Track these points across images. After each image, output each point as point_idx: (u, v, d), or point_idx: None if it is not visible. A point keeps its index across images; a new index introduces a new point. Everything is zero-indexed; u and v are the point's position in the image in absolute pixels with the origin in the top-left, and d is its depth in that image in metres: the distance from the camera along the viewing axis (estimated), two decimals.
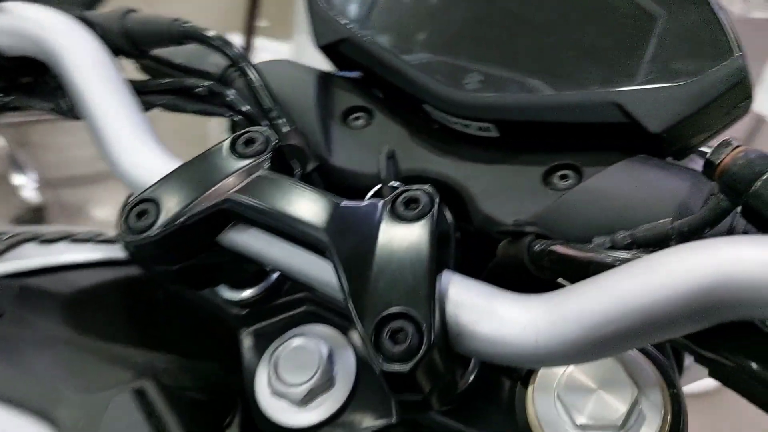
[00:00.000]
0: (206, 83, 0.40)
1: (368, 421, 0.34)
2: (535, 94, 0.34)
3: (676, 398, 0.31)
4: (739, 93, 0.31)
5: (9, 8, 0.35)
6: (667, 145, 0.33)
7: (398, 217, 0.29)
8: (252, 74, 0.39)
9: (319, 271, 0.30)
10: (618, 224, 0.30)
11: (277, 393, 0.35)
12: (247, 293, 0.40)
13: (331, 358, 0.36)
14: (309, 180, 0.37)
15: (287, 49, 1.99)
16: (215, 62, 0.43)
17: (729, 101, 0.31)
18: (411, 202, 0.30)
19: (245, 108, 0.39)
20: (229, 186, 0.31)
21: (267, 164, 0.32)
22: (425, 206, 0.29)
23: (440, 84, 0.36)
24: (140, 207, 0.31)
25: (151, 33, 0.40)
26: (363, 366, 0.36)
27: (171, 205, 0.31)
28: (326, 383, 0.35)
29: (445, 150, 0.37)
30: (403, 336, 0.26)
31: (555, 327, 0.26)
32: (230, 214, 0.31)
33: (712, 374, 0.28)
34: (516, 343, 0.26)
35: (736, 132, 0.30)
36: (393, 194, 0.30)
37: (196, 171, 0.32)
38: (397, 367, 0.25)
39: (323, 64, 0.44)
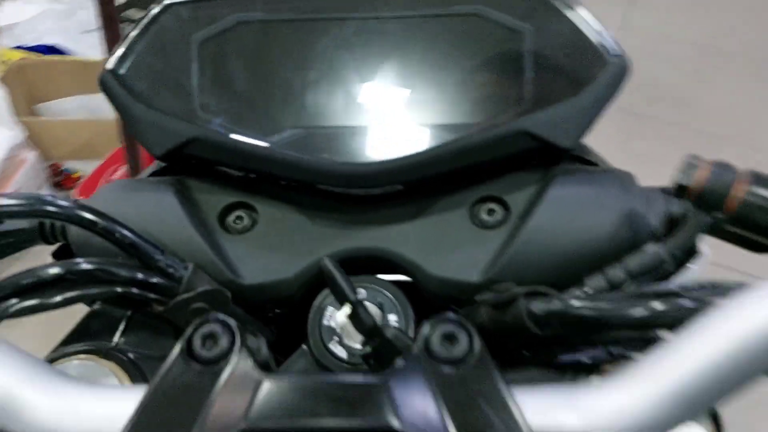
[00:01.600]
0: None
1: None
2: (440, 145, 0.30)
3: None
4: (623, 82, 0.32)
5: None
6: (574, 150, 0.34)
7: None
8: (93, 217, 0.29)
9: None
10: (581, 246, 0.30)
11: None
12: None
13: None
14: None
15: None
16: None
17: (617, 92, 0.32)
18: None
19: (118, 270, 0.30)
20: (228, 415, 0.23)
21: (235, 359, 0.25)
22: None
23: (333, 162, 0.30)
24: None
25: None
26: None
27: None
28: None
29: (357, 221, 0.31)
30: None
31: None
32: None
33: None
34: None
35: None
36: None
37: (165, 413, 0.23)
38: None
39: None
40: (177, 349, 0.25)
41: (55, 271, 0.29)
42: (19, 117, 1.63)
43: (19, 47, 1.90)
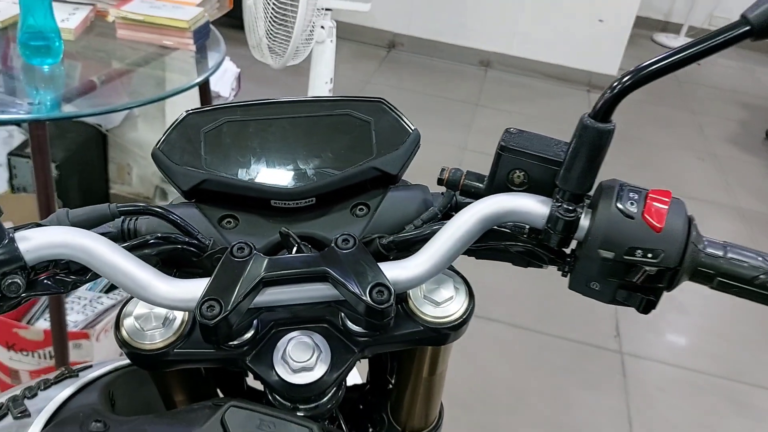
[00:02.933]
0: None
1: None
2: (333, 176, 0.55)
3: (470, 287, 0.53)
4: (417, 145, 0.58)
5: (28, 235, 0.46)
6: (399, 178, 0.57)
7: None
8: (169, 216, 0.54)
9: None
10: (405, 218, 0.55)
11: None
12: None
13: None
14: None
15: None
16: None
17: (417, 147, 0.58)
18: None
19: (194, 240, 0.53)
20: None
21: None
22: None
23: (280, 184, 0.55)
24: (208, 303, 0.44)
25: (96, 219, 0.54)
26: None
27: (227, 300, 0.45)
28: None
29: (293, 220, 0.56)
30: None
31: (427, 266, 0.48)
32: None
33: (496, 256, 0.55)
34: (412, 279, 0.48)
35: None
36: None
37: (227, 275, 0.46)
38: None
39: None
40: (227, 252, 0.47)
41: (155, 237, 0.51)
42: None
43: None
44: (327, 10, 1.86)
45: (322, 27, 1.89)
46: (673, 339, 2.22)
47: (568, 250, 0.50)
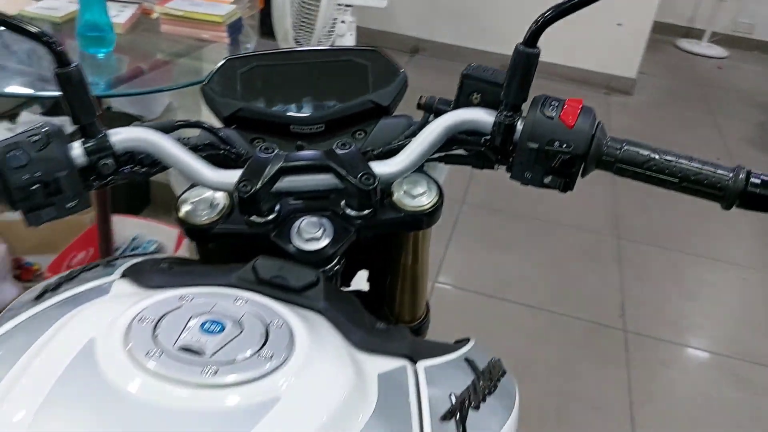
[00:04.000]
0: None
1: None
2: (336, 106, 0.71)
3: (440, 188, 0.68)
4: (405, 84, 0.73)
5: (117, 131, 0.62)
6: (390, 110, 0.71)
7: None
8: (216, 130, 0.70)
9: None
10: (393, 137, 0.70)
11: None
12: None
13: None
14: None
15: None
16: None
17: (405, 86, 0.72)
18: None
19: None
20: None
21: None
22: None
23: (298, 114, 0.71)
24: (243, 182, 0.60)
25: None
26: None
27: (257, 181, 0.60)
28: None
29: (310, 142, 0.70)
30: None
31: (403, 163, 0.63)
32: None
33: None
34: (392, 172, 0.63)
35: None
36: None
37: (256, 165, 0.62)
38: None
39: None
40: (256, 150, 0.62)
41: (205, 143, 0.67)
42: None
43: None
44: (347, 6, 2.04)
45: (343, 22, 2.07)
46: (678, 320, 2.32)
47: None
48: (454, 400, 0.52)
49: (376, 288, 0.82)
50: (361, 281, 0.86)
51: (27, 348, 0.48)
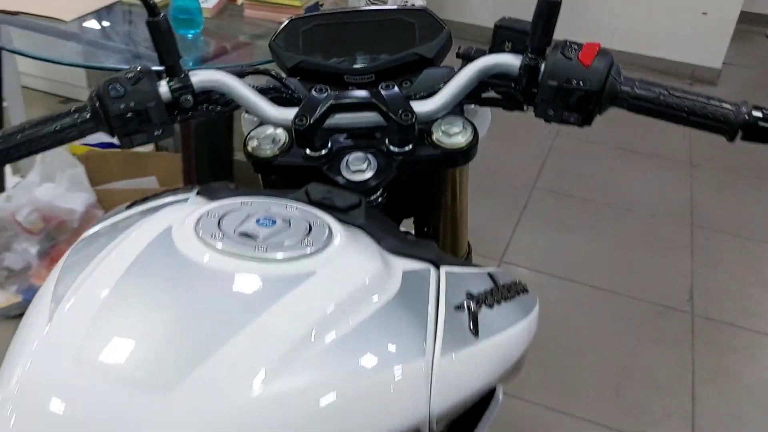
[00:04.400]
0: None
1: None
2: (386, 58, 0.80)
3: (475, 129, 0.75)
4: (450, 39, 0.80)
5: (196, 72, 0.73)
6: (435, 62, 0.79)
7: None
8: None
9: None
10: (435, 85, 0.76)
11: None
12: None
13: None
14: None
15: None
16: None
17: (449, 41, 0.80)
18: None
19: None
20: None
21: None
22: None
23: (351, 66, 0.79)
24: (300, 117, 0.70)
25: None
26: None
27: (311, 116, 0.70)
28: None
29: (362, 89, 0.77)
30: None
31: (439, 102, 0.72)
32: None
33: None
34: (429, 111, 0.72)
35: None
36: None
37: (311, 103, 0.72)
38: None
39: None
40: (311, 90, 0.72)
41: (270, 86, 0.77)
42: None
43: (84, 144, 2.41)
44: None
45: (413, 5, 2.17)
46: (748, 307, 2.28)
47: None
48: (469, 296, 0.60)
49: (421, 234, 0.90)
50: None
51: (114, 239, 0.59)
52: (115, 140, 0.72)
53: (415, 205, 0.89)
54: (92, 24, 1.79)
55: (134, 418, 0.44)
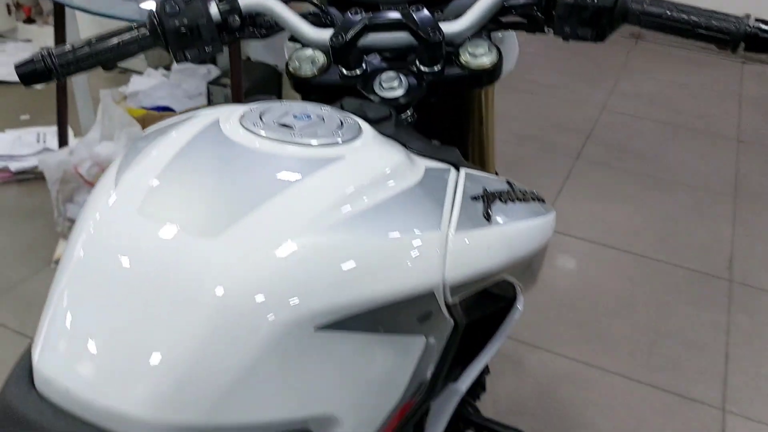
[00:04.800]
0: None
1: None
2: None
3: (499, 51, 0.79)
4: None
5: None
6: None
7: None
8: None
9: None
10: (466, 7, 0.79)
11: None
12: None
13: None
14: None
15: None
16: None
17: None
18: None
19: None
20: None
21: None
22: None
23: None
24: (336, 35, 0.76)
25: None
26: None
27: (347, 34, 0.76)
28: None
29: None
30: None
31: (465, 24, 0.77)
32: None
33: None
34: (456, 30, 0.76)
35: None
36: None
37: (347, 23, 0.78)
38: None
39: None
40: (347, 13, 0.78)
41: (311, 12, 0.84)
42: None
43: (142, 107, 2.54)
44: None
45: None
46: None
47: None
48: (485, 191, 0.66)
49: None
50: None
51: (169, 132, 0.67)
52: (171, 104, 0.80)
53: (443, 128, 0.95)
54: None
55: (187, 256, 0.52)
